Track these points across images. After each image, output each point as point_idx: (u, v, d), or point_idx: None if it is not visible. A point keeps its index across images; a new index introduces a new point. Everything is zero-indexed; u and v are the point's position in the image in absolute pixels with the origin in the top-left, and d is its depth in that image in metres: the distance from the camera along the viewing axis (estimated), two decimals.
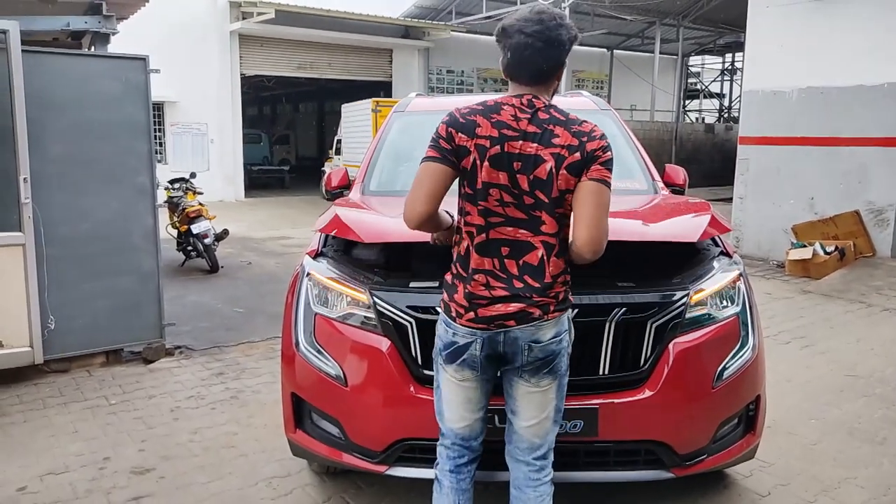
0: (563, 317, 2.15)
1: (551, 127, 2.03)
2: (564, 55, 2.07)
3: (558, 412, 2.24)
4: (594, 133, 2.04)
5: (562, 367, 2.18)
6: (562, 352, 2.15)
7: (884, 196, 8.26)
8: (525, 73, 2.06)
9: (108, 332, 4.77)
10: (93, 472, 3.33)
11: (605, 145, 2.03)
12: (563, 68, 2.12)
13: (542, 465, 2.25)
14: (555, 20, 2.03)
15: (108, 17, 4.85)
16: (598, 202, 2.01)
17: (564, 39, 2.04)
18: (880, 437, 3.78)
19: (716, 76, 29.12)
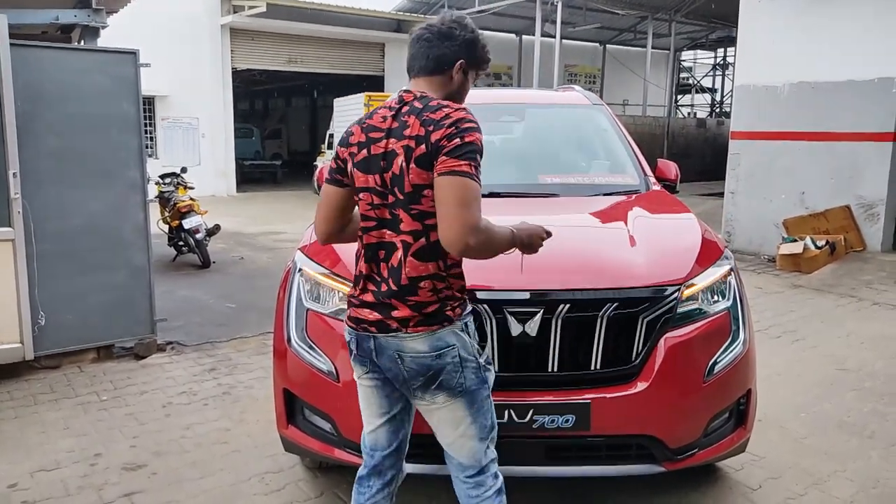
0: (443, 332, 1.99)
1: (406, 118, 1.98)
2: (454, 49, 2.07)
3: (482, 429, 2.08)
4: (443, 121, 1.91)
5: (458, 383, 2.01)
6: (446, 367, 1.99)
7: (874, 191, 8.30)
8: (414, 65, 2.11)
9: (99, 328, 4.75)
10: (84, 469, 3.32)
11: (452, 133, 1.89)
12: (456, 65, 2.08)
13: (478, 481, 2.11)
14: (454, 20, 2.11)
15: (97, 11, 4.81)
16: (449, 198, 1.86)
17: (456, 35, 2.08)
18: (869, 430, 3.81)
19: (708, 71, 29.18)
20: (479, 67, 2.19)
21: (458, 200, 1.86)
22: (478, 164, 1.92)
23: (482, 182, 1.92)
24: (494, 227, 1.95)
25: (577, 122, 4.40)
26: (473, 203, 1.87)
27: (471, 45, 2.11)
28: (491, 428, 2.13)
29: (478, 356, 2.07)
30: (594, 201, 3.51)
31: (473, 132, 1.92)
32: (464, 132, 1.90)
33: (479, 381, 2.06)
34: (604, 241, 3.01)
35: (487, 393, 2.10)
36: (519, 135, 4.39)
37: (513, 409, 2.47)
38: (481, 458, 2.12)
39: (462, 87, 2.16)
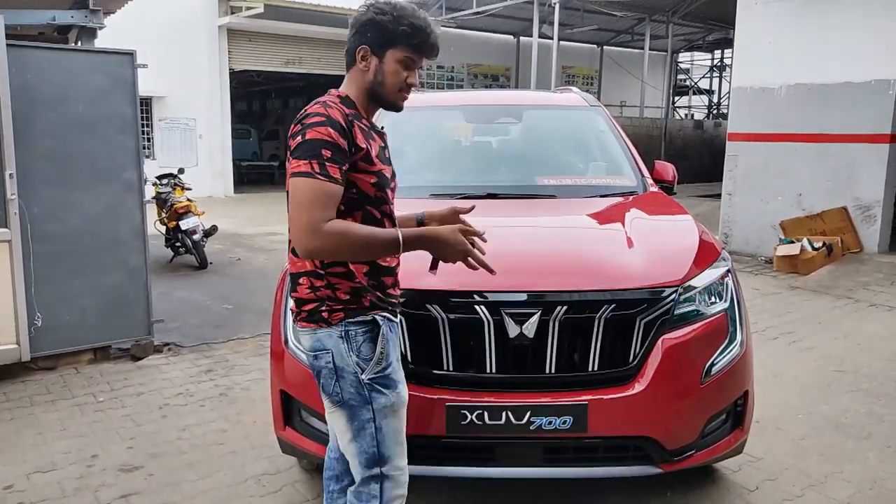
0: (322, 333, 1.96)
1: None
2: (355, 37, 2.00)
3: (363, 454, 1.98)
4: (298, 118, 1.92)
5: (335, 392, 1.96)
6: (322, 371, 1.97)
7: (871, 192, 8.31)
8: None
9: (95, 329, 4.74)
10: (80, 470, 3.31)
11: (296, 131, 1.88)
12: (355, 52, 2.00)
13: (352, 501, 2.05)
14: (362, 5, 2.02)
15: (94, 12, 4.80)
16: (291, 201, 1.86)
17: (355, 20, 2.01)
18: (866, 431, 3.81)
19: (705, 73, 29.22)
20: (396, 46, 1.97)
21: (295, 203, 1.84)
22: (322, 159, 1.82)
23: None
24: (357, 231, 1.86)
25: (574, 123, 4.40)
26: (311, 204, 1.81)
27: (371, 26, 1.96)
28: (376, 460, 1.98)
29: (359, 371, 1.94)
30: (591, 203, 3.52)
31: (316, 127, 1.85)
32: (306, 129, 1.86)
33: (359, 399, 1.96)
34: (601, 243, 3.01)
35: (370, 416, 1.96)
36: (516, 136, 4.39)
37: (510, 411, 2.47)
38: (359, 481, 2.02)
39: (382, 75, 1.99)
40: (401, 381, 2.05)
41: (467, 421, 2.47)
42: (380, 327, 1.99)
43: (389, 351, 2.01)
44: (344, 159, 1.87)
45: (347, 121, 1.90)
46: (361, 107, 2.03)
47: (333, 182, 1.84)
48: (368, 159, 1.94)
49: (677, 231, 3.10)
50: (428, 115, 4.49)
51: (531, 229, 3.22)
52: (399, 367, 2.08)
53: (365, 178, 1.95)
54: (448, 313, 2.49)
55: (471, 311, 2.48)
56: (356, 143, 1.91)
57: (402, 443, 2.06)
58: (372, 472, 1.99)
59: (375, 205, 2.00)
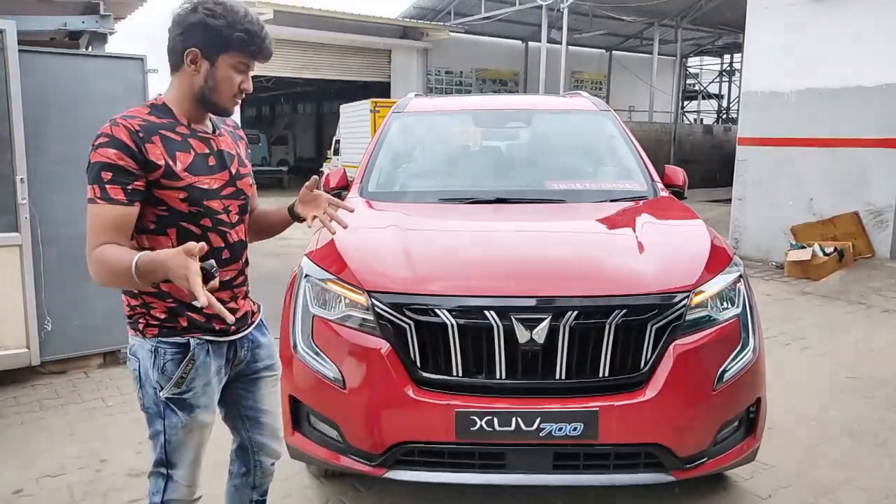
0: (136, 341, 1.97)
1: None
2: (176, 35, 1.89)
3: (152, 451, 2.03)
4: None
5: (139, 396, 1.99)
6: (133, 372, 2.00)
7: (883, 197, 8.25)
8: None
9: (105, 334, 4.75)
10: (90, 475, 3.31)
11: (89, 153, 1.79)
12: (182, 55, 1.88)
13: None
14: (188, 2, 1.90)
15: (105, 17, 4.83)
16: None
17: (182, 19, 1.88)
18: (881, 438, 3.77)
19: (714, 77, 29.15)
20: (230, 52, 1.87)
21: (88, 221, 1.78)
22: (103, 182, 1.75)
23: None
24: (106, 258, 1.74)
25: (584, 128, 4.39)
26: (90, 230, 1.76)
27: (201, 29, 1.83)
28: (163, 463, 2.02)
29: (157, 388, 1.94)
30: (602, 207, 3.50)
31: (99, 149, 1.76)
32: (91, 151, 1.78)
33: (155, 410, 1.97)
34: (612, 248, 2.99)
35: (161, 429, 1.98)
36: (526, 141, 4.38)
37: (520, 417, 2.44)
38: (150, 473, 2.07)
39: (214, 80, 1.89)
40: (200, 406, 2.00)
41: (477, 427, 2.45)
42: (189, 351, 1.95)
43: (194, 377, 1.97)
44: (130, 178, 1.77)
45: (137, 137, 1.79)
46: (183, 112, 1.93)
47: (116, 204, 1.76)
48: (171, 175, 1.84)
49: (688, 236, 3.08)
50: (437, 121, 4.49)
51: (541, 234, 3.21)
52: (208, 391, 2.02)
53: (171, 193, 1.86)
54: (457, 319, 2.47)
55: (480, 316, 2.47)
56: (149, 159, 1.80)
57: (193, 460, 2.08)
58: (159, 469, 2.05)
59: (192, 220, 1.91)
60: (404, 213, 3.35)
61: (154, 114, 1.89)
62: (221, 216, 1.97)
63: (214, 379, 2.05)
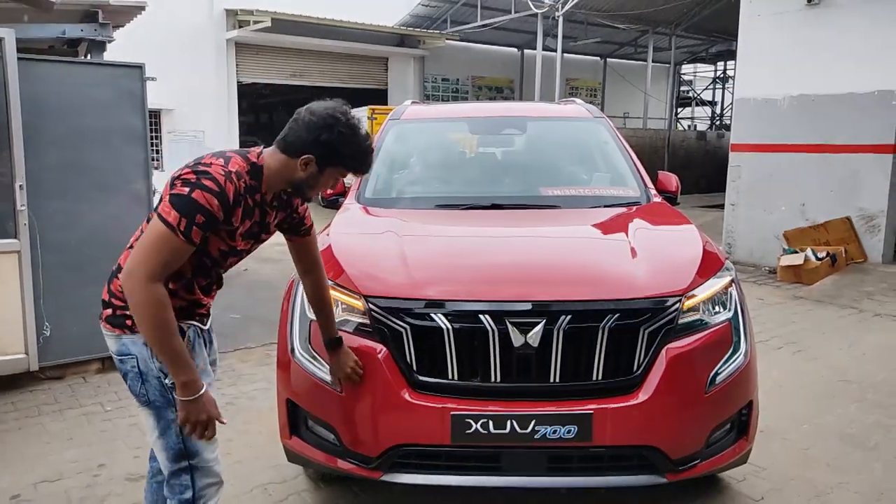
0: (127, 339, 2.06)
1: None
2: (301, 130, 2.06)
3: (169, 450, 2.10)
4: (194, 163, 2.05)
5: (141, 394, 2.07)
6: (129, 374, 2.07)
7: (875, 202, 8.31)
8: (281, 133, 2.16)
9: (103, 339, 4.72)
10: (88, 479, 3.33)
11: (187, 177, 1.96)
12: (300, 153, 2.05)
13: (168, 493, 2.14)
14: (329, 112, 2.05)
15: (103, 25, 4.87)
16: (146, 233, 1.96)
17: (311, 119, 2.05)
18: (873, 442, 3.80)
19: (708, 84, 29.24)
20: (338, 166, 2.07)
21: (148, 240, 1.92)
22: (193, 223, 1.89)
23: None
24: (160, 321, 1.91)
25: (578, 134, 4.43)
26: (158, 254, 1.90)
27: (326, 145, 2.01)
28: (182, 455, 2.09)
29: (161, 376, 2.03)
30: (595, 213, 3.54)
31: (206, 192, 1.91)
32: (196, 187, 1.91)
33: (163, 401, 2.06)
34: (605, 253, 3.03)
35: (174, 416, 2.05)
36: (521, 147, 4.42)
37: (515, 420, 2.48)
38: (168, 474, 2.13)
39: (314, 181, 2.09)
40: (205, 385, 2.07)
41: (472, 430, 2.48)
42: (184, 334, 2.08)
43: (193, 356, 2.08)
44: (212, 228, 1.97)
45: (236, 199, 1.98)
46: (269, 185, 2.10)
47: (190, 244, 1.93)
48: (231, 235, 2.07)
49: (681, 241, 3.12)
50: (433, 127, 4.53)
51: (535, 239, 3.24)
52: (207, 370, 2.19)
53: (216, 242, 2.07)
54: (453, 323, 2.51)
55: (475, 320, 2.50)
56: (231, 220, 2.01)
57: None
58: (180, 465, 2.10)
59: (211, 260, 2.12)
60: (401, 219, 3.38)
61: (252, 174, 2.05)
62: (226, 266, 2.22)
63: (207, 361, 2.22)
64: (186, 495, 2.10)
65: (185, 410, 1.99)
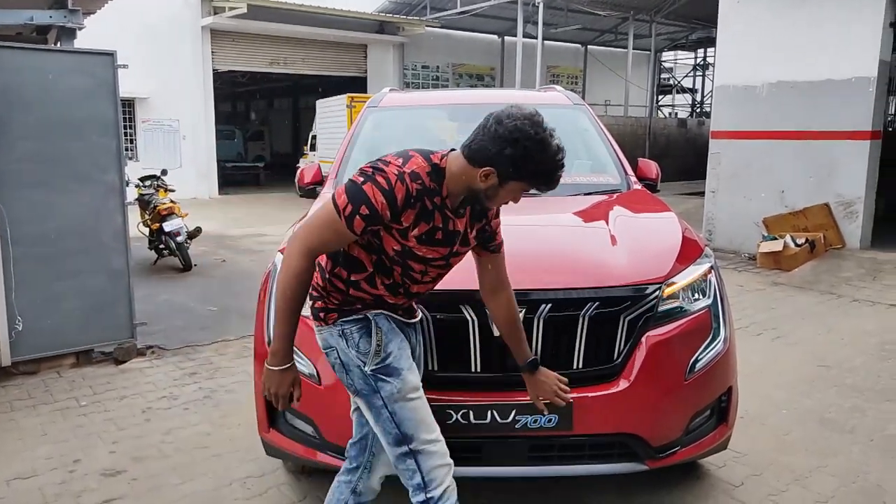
0: (325, 332, 2.14)
1: None
2: (487, 139, 2.00)
3: (387, 435, 2.12)
4: (376, 159, 2.06)
5: (349, 384, 2.14)
6: (335, 366, 2.15)
7: (853, 189, 8.40)
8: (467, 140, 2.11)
9: (78, 333, 4.69)
10: (62, 475, 3.27)
11: (366, 170, 1.99)
12: (482, 163, 1.99)
13: (402, 480, 2.17)
14: (519, 124, 1.98)
15: (73, 12, 4.74)
16: (312, 213, 2.10)
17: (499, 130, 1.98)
18: (850, 425, 3.84)
19: (688, 71, 29.39)
20: (522, 181, 1.98)
21: (313, 219, 2.02)
22: (357, 212, 1.92)
23: None
24: (288, 294, 2.00)
25: (558, 122, 4.33)
26: (319, 233, 1.98)
27: (511, 159, 1.92)
28: (400, 440, 2.10)
29: (361, 364, 2.09)
30: (575, 201, 3.51)
31: (376, 187, 1.92)
32: (369, 180, 1.93)
33: (368, 389, 2.10)
34: (585, 241, 3.01)
35: (382, 403, 2.09)
36: None
37: (495, 410, 2.46)
38: (394, 460, 2.15)
39: (494, 194, 2.02)
40: (405, 368, 2.12)
41: (453, 420, 2.46)
42: (370, 324, 2.11)
43: (387, 342, 2.12)
44: (377, 224, 1.97)
45: (407, 200, 1.95)
46: (449, 189, 2.04)
47: (350, 231, 1.95)
48: (404, 234, 2.03)
49: (660, 228, 3.11)
50: (412, 115, 4.47)
51: (514, 227, 3.19)
52: (403, 354, 2.15)
53: (390, 241, 2.05)
54: (432, 313, 2.48)
55: (455, 310, 2.48)
56: (399, 220, 1.98)
57: (424, 419, 2.13)
58: (401, 449, 2.11)
59: (389, 259, 2.08)
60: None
61: (432, 176, 2.01)
62: (415, 275, 2.13)
63: (405, 345, 2.18)
64: (416, 480, 2.11)
65: (264, 376, 2.08)
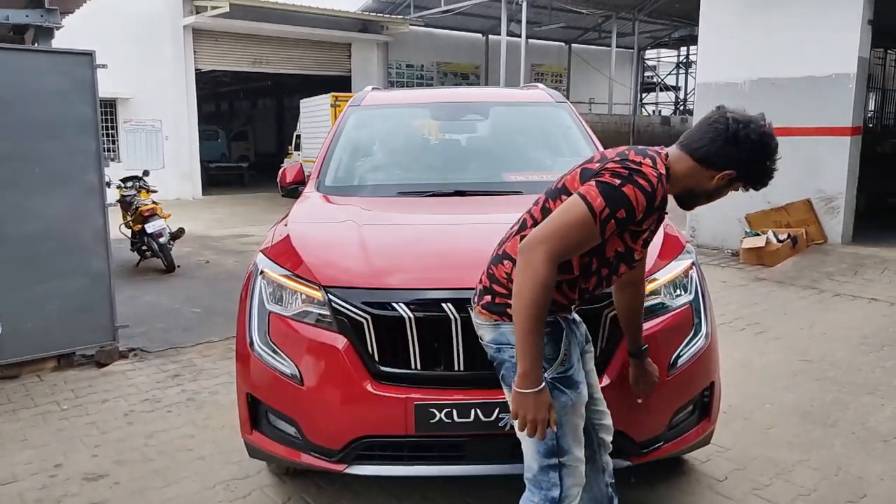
0: (506, 328, 2.04)
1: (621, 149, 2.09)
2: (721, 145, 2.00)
3: (538, 442, 2.03)
4: (622, 157, 2.01)
5: (510, 383, 2.03)
6: (505, 363, 2.07)
7: (834, 184, 8.47)
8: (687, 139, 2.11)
9: (59, 336, 4.64)
10: (43, 480, 3.23)
11: (616, 169, 1.94)
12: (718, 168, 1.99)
13: (531, 490, 2.08)
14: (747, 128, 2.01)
15: (50, 11, 4.68)
16: (562, 209, 1.95)
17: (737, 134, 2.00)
18: (832, 419, 3.88)
19: (671, 69, 29.57)
20: (746, 183, 2.02)
21: (563, 216, 1.91)
22: (613, 216, 1.87)
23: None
24: (536, 305, 1.86)
25: (540, 120, 4.40)
26: (567, 235, 1.88)
27: (745, 164, 1.96)
28: (554, 452, 2.03)
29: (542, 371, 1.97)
30: None
31: (637, 189, 1.87)
32: (628, 181, 1.88)
33: None
34: None
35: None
36: (483, 133, 4.38)
37: (479, 408, 2.45)
38: (536, 470, 2.05)
39: (717, 194, 2.05)
40: (582, 382, 2.09)
41: (436, 419, 2.46)
42: (562, 328, 2.06)
43: (570, 351, 2.07)
44: (624, 227, 1.94)
45: (661, 202, 1.93)
46: (668, 191, 2.02)
47: (600, 235, 1.90)
48: (634, 237, 2.01)
49: None
50: (394, 114, 4.46)
51: (498, 226, 3.19)
52: (580, 367, 2.12)
53: (616, 243, 2.01)
54: (414, 312, 2.47)
55: (437, 308, 2.47)
56: (642, 222, 1.96)
57: (580, 438, 2.10)
58: (550, 461, 2.04)
59: (601, 263, 2.05)
60: (361, 207, 3.32)
61: (665, 181, 1.96)
62: (614, 278, 2.14)
63: (578, 355, 2.14)
64: (553, 493, 2.03)
65: (516, 402, 1.93)
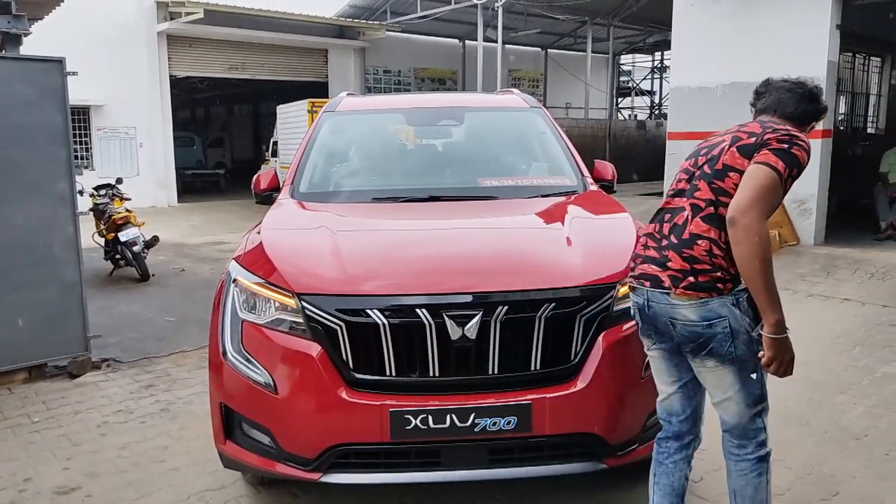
0: (714, 303, 2.19)
1: (749, 126, 2.32)
2: (816, 112, 2.43)
3: (749, 396, 2.27)
4: (782, 132, 2.23)
5: (728, 352, 2.21)
6: (717, 336, 2.20)
7: (806, 187, 8.60)
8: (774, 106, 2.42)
9: (30, 347, 4.56)
10: (11, 495, 3.17)
11: (783, 138, 2.20)
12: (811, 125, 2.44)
13: (741, 443, 2.34)
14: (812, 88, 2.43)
15: (18, 17, 4.61)
16: (754, 178, 2.15)
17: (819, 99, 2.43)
18: (805, 418, 3.92)
19: (646, 74, 29.85)
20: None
21: (759, 184, 2.13)
22: (790, 174, 2.16)
23: None
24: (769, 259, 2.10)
25: (515, 125, 4.42)
26: (769, 197, 2.13)
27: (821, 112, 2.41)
28: (760, 399, 2.29)
29: (750, 330, 2.20)
30: (532, 203, 3.53)
31: (802, 150, 2.19)
32: (794, 145, 2.18)
33: (750, 353, 2.23)
34: (541, 243, 3.03)
35: (756, 363, 2.22)
36: (458, 138, 4.39)
37: (454, 414, 2.46)
38: (745, 422, 2.30)
39: None
40: None
41: (412, 426, 2.45)
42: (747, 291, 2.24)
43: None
44: (794, 181, 2.22)
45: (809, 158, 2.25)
46: None
47: (783, 193, 2.20)
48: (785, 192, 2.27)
49: (615, 229, 3.14)
50: (369, 119, 4.46)
51: (472, 231, 3.22)
52: None
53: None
54: (389, 318, 2.46)
55: (412, 314, 2.47)
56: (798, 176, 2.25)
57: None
58: (758, 408, 2.30)
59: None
60: (336, 214, 3.31)
61: None
62: None
63: None
64: (762, 437, 2.31)
65: (774, 348, 2.13)
